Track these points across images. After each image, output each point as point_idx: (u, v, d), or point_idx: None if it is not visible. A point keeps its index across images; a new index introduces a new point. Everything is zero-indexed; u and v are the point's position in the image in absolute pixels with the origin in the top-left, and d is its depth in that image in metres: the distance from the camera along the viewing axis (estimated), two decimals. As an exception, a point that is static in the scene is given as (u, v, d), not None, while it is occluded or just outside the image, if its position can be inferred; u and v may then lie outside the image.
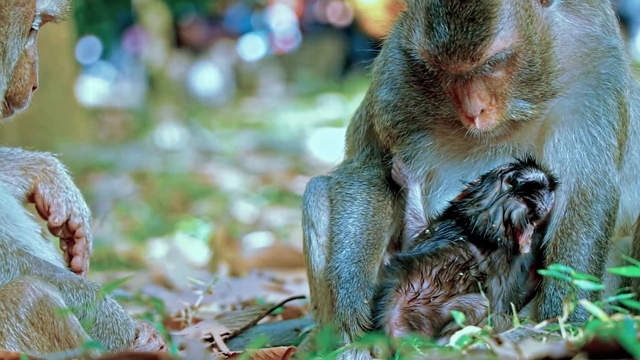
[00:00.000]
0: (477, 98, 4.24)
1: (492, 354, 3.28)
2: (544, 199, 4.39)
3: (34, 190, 4.45)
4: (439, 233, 4.43)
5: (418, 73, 4.40)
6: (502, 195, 4.39)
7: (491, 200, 4.39)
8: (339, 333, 4.42)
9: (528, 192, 4.38)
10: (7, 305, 3.96)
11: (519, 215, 4.37)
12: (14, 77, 4.24)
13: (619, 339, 3.00)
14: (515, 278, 4.41)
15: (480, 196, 4.41)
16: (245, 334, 5.21)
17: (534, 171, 4.40)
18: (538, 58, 4.25)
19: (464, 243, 4.38)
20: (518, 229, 4.36)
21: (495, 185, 4.41)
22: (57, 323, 3.98)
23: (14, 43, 4.18)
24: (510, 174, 4.40)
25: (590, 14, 4.40)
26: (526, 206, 4.38)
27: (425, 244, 4.43)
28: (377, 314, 4.34)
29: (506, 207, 4.38)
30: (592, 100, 4.40)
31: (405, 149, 4.55)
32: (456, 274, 4.32)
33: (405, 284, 4.33)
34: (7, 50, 4.17)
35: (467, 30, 4.12)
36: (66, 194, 4.45)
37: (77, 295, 4.08)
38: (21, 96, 4.29)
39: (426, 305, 4.30)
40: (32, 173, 4.46)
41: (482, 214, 4.39)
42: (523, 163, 4.41)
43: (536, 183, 4.37)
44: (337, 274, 4.52)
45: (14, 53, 4.19)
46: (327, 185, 4.75)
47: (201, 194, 13.12)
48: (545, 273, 3.99)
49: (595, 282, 3.93)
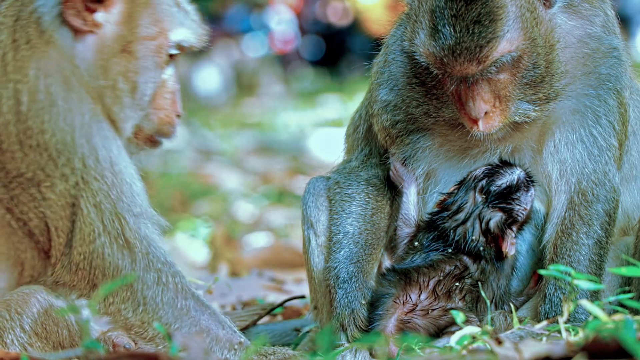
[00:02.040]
0: (481, 100, 4.23)
1: (492, 354, 3.28)
2: (521, 200, 4.39)
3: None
4: (428, 245, 4.43)
5: (420, 75, 4.39)
6: (477, 207, 4.39)
7: (467, 213, 4.39)
8: (336, 333, 4.42)
9: (503, 199, 4.37)
10: (11, 316, 3.95)
11: (496, 223, 4.37)
12: (154, 109, 4.19)
13: (619, 339, 3.00)
14: (506, 281, 4.41)
15: (455, 210, 4.41)
16: (245, 334, 5.19)
17: (508, 173, 4.39)
18: (542, 60, 4.24)
19: (454, 254, 4.38)
20: (498, 236, 4.36)
21: (469, 197, 4.40)
22: (62, 332, 3.98)
23: (147, 78, 4.13)
24: (483, 183, 4.39)
25: (591, 14, 4.40)
26: (502, 214, 4.38)
27: (418, 256, 4.43)
28: (373, 323, 4.34)
29: (482, 218, 4.38)
30: (593, 100, 4.40)
31: (404, 148, 4.55)
32: (452, 284, 4.32)
33: (403, 295, 4.33)
34: (139, 86, 4.12)
35: (473, 32, 4.11)
36: None
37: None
38: (168, 126, 4.25)
39: (424, 317, 4.30)
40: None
41: (459, 228, 4.39)
42: (497, 166, 4.40)
43: (510, 187, 4.37)
44: (336, 274, 4.52)
45: (147, 88, 4.14)
46: (326, 185, 4.75)
47: (201, 194, 13.11)
48: (545, 273, 3.99)
49: (595, 282, 3.93)
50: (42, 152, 3.98)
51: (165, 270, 4.05)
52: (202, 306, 4.11)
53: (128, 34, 4.09)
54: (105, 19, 4.08)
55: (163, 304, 4.04)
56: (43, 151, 3.98)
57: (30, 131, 3.98)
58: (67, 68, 4.04)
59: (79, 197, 3.98)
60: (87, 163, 3.99)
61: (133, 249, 4.01)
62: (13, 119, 3.99)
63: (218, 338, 4.08)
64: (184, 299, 4.07)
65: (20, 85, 4.00)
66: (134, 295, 4.01)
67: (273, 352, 4.16)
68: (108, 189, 4.00)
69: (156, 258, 4.05)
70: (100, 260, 3.98)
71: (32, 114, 3.99)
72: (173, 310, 4.05)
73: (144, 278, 4.02)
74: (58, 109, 3.99)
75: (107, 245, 3.98)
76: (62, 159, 3.99)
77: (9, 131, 3.99)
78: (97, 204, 3.98)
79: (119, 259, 3.99)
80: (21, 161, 3.99)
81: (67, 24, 4.05)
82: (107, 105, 4.09)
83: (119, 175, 4.03)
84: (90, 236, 3.98)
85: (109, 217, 3.99)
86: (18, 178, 4.01)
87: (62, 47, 4.05)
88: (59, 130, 3.99)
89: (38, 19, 4.06)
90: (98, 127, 4.04)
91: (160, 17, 4.14)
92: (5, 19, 4.09)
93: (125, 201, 4.02)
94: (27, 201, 4.01)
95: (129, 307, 4.02)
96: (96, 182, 3.99)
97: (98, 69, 4.07)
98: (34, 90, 4.00)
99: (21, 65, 4.02)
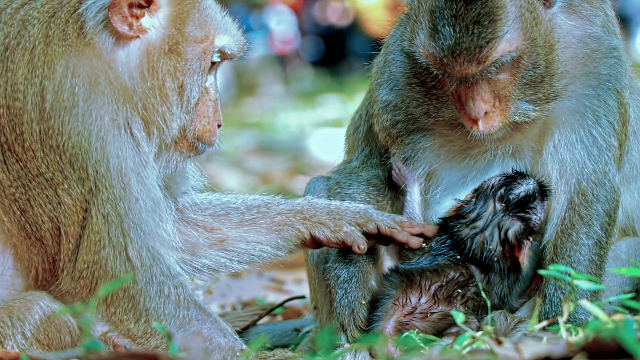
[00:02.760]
0: (481, 100, 4.23)
1: (492, 354, 3.28)
2: (537, 210, 4.39)
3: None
4: (436, 249, 4.42)
5: (420, 75, 4.38)
6: (497, 216, 4.38)
7: (486, 221, 4.39)
8: (336, 333, 4.42)
9: (522, 208, 4.37)
10: (13, 322, 3.94)
11: (515, 233, 4.37)
12: (196, 115, 4.20)
13: (619, 339, 3.00)
14: (509, 291, 4.41)
15: (474, 217, 4.41)
16: (245, 334, 5.21)
17: (524, 183, 4.39)
18: (542, 60, 4.24)
19: (462, 262, 4.37)
20: (516, 246, 4.36)
21: (489, 205, 4.40)
22: (64, 338, 3.98)
23: (193, 80, 4.14)
24: (502, 191, 4.39)
25: (591, 14, 4.40)
26: (521, 223, 4.38)
27: (424, 258, 4.42)
28: (371, 323, 4.34)
29: (502, 227, 4.37)
30: (592, 100, 4.40)
31: (404, 149, 4.54)
32: (454, 290, 4.32)
33: (403, 297, 4.32)
34: (186, 87, 4.13)
35: (473, 32, 4.11)
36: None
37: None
38: (209, 134, 4.26)
39: (423, 320, 4.30)
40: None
41: (478, 237, 4.38)
42: (512, 175, 4.40)
43: (527, 196, 4.37)
44: (336, 274, 4.51)
45: (193, 90, 4.15)
46: (326, 185, 4.75)
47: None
48: (545, 273, 3.99)
49: (595, 282, 3.93)
50: (62, 154, 3.98)
51: (168, 282, 4.06)
52: (204, 315, 4.11)
53: (177, 33, 4.09)
54: (150, 23, 4.08)
55: (165, 315, 4.05)
56: (62, 153, 3.98)
57: (52, 131, 3.98)
58: (101, 71, 4.03)
59: (91, 204, 3.99)
60: (100, 170, 3.99)
61: (135, 265, 4.02)
62: (37, 116, 3.99)
63: (220, 346, 4.10)
64: (186, 309, 4.08)
65: (46, 82, 3.98)
66: (136, 307, 4.02)
67: (273, 354, 4.16)
68: (116, 201, 4.00)
69: (160, 271, 4.06)
70: (102, 271, 3.99)
71: (54, 113, 3.98)
72: (175, 320, 4.06)
73: (146, 291, 4.03)
74: (78, 110, 3.99)
75: (111, 258, 3.99)
76: (78, 163, 3.99)
77: (32, 129, 3.99)
78: (106, 214, 3.99)
79: (120, 272, 4.00)
80: (41, 161, 3.99)
81: (110, 28, 4.04)
82: (153, 107, 4.09)
83: (127, 188, 4.03)
84: (96, 246, 3.99)
85: (114, 232, 3.99)
86: (38, 178, 4.00)
87: (100, 51, 4.04)
88: (76, 132, 3.98)
89: (79, 19, 4.03)
90: (117, 133, 4.03)
91: (206, 21, 4.16)
92: (40, 14, 4.06)
93: (132, 217, 4.02)
94: (43, 202, 4.01)
95: (130, 318, 4.03)
96: (106, 191, 3.99)
97: (145, 71, 4.07)
98: (60, 89, 3.99)
99: (50, 60, 4.00)
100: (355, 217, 4.42)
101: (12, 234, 4.06)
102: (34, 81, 4.01)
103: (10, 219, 4.05)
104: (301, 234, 4.42)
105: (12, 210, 4.03)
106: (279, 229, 4.43)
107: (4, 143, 4.01)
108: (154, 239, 4.09)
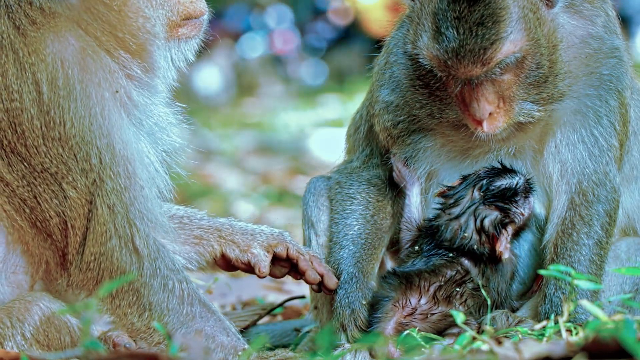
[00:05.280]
0: (485, 101, 4.22)
1: (492, 354, 3.28)
2: (519, 204, 4.38)
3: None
4: (428, 249, 4.43)
5: (423, 77, 4.37)
6: (473, 204, 4.38)
7: (462, 208, 4.39)
8: (336, 333, 4.42)
9: (500, 199, 4.37)
10: (12, 323, 3.94)
11: (491, 222, 4.36)
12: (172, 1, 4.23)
13: (619, 339, 3.00)
14: (506, 286, 4.41)
15: (451, 204, 4.41)
16: (246, 333, 5.20)
17: (509, 177, 4.39)
18: (545, 60, 4.24)
19: (456, 258, 4.37)
20: (493, 235, 4.35)
21: (467, 193, 4.40)
22: (64, 339, 3.98)
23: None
24: (484, 182, 4.39)
25: (593, 14, 4.40)
26: (498, 212, 4.37)
27: (419, 260, 4.43)
28: (371, 325, 4.34)
29: (478, 215, 4.37)
30: (594, 100, 4.40)
31: (405, 149, 4.54)
32: (453, 289, 4.32)
33: (403, 298, 4.32)
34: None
35: (477, 34, 4.11)
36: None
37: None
38: (193, 6, 4.27)
39: (423, 321, 4.30)
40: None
41: (453, 223, 4.39)
42: (500, 169, 4.40)
43: (508, 189, 4.37)
44: (336, 274, 4.52)
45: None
46: (327, 185, 4.75)
47: (201, 194, 13.10)
48: (546, 273, 3.99)
49: (595, 282, 3.93)
50: (64, 145, 3.98)
51: (173, 276, 4.06)
52: (208, 312, 4.11)
53: None
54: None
55: (169, 310, 4.05)
56: (64, 143, 3.98)
57: (53, 122, 3.98)
58: (78, 33, 4.02)
59: (96, 195, 3.99)
60: (104, 159, 3.99)
61: (141, 255, 4.02)
62: (36, 112, 3.98)
63: (223, 345, 4.10)
64: (190, 305, 4.08)
65: (39, 74, 3.98)
66: (140, 301, 4.02)
67: (274, 354, 4.17)
68: (122, 191, 4.01)
69: (164, 264, 4.06)
70: (109, 262, 3.99)
71: (53, 104, 3.98)
72: (179, 316, 4.06)
73: (151, 284, 4.03)
74: (76, 95, 3.99)
75: (117, 249, 4.00)
76: (81, 153, 3.99)
77: (33, 125, 3.99)
78: (111, 205, 3.99)
79: (126, 264, 4.00)
80: (45, 155, 3.99)
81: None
82: (130, 24, 4.08)
83: (132, 177, 4.03)
84: (103, 237, 4.00)
85: (120, 222, 4.00)
86: (43, 174, 4.01)
87: (64, 12, 4.02)
88: (77, 120, 3.98)
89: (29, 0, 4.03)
90: (116, 110, 4.03)
91: None
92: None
93: (138, 207, 4.03)
94: (49, 198, 4.01)
95: (134, 311, 4.03)
96: (110, 182, 4.00)
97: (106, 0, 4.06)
98: (54, 77, 3.98)
99: (36, 48, 3.99)
100: (269, 239, 4.47)
101: (25, 231, 4.07)
102: (26, 77, 4.00)
103: (22, 217, 4.06)
104: (214, 251, 4.44)
105: (22, 208, 4.04)
106: (196, 242, 4.45)
107: (7, 145, 4.01)
108: (158, 230, 4.10)
